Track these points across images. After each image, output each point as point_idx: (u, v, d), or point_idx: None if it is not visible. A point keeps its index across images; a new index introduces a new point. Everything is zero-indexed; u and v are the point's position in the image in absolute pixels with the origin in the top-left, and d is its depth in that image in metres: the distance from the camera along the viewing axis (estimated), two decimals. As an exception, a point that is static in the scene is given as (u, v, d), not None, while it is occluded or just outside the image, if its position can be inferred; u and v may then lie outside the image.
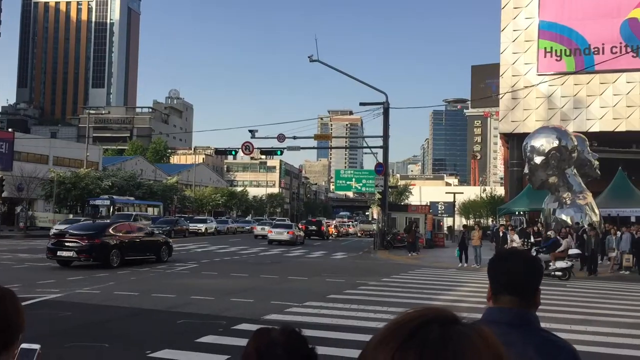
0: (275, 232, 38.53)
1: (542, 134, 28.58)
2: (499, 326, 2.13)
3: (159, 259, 21.84)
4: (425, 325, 0.85)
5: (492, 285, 2.22)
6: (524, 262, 2.21)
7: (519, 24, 45.66)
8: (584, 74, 42.73)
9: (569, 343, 2.13)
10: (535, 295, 2.18)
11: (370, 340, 0.89)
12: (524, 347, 2.07)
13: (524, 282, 2.16)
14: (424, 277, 19.54)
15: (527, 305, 2.16)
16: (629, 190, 34.83)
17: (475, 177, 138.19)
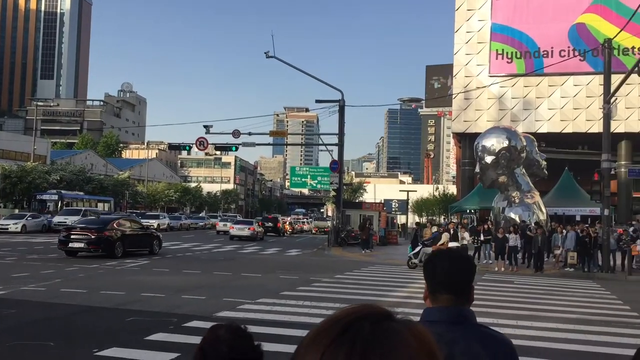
0: (236, 228, 40.28)
1: (492, 134, 29.21)
2: (441, 325, 2.16)
3: (152, 251, 24.04)
4: (357, 322, 0.85)
5: (429, 285, 2.25)
6: (459, 261, 2.26)
7: (472, 26, 46.56)
8: (533, 77, 43.91)
9: (506, 336, 2.18)
10: (470, 292, 2.23)
11: (304, 337, 0.88)
12: (468, 343, 2.11)
13: (460, 280, 2.21)
14: (377, 274, 19.72)
15: (463, 302, 2.20)
16: (575, 190, 36.02)
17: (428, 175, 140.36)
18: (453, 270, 2.21)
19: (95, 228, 21.85)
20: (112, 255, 21.42)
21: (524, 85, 45.11)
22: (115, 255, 21.50)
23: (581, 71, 43.25)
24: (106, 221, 23.33)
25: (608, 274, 21.23)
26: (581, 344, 9.20)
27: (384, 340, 0.83)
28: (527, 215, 28.00)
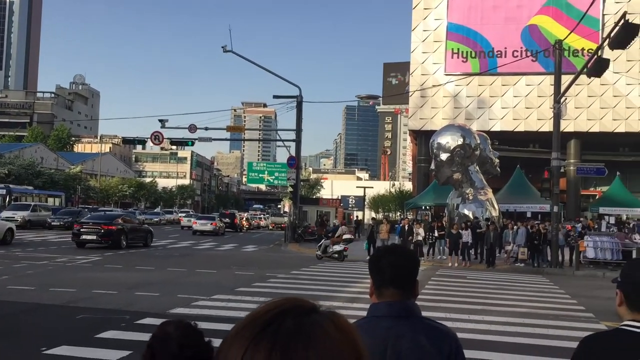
0: (199, 223, 42.18)
1: (447, 132, 29.67)
2: (387, 319, 2.19)
3: (146, 244, 27.04)
4: (280, 316, 0.85)
5: (375, 280, 2.27)
6: (405, 256, 2.30)
7: (428, 25, 47.15)
8: (487, 76, 44.80)
9: (451, 329, 2.23)
10: (415, 286, 2.27)
11: (228, 332, 0.87)
12: (416, 336, 2.15)
13: (406, 275, 2.24)
14: (332, 269, 19.81)
15: (409, 297, 2.24)
16: (526, 187, 36.94)
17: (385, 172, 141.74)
18: (398, 265, 2.23)
19: (104, 222, 25.26)
20: (119, 246, 24.66)
21: (479, 84, 45.96)
22: (121, 246, 24.78)
23: (533, 71, 44.35)
24: (113, 216, 27.30)
25: (556, 269, 21.86)
26: (530, 337, 9.45)
27: (306, 333, 0.83)
28: (480, 212, 28.56)
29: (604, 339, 2.10)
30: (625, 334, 2.05)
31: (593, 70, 18.36)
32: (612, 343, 2.05)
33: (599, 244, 22.04)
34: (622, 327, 2.09)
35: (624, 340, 2.03)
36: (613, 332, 2.12)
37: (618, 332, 2.09)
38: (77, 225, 25.71)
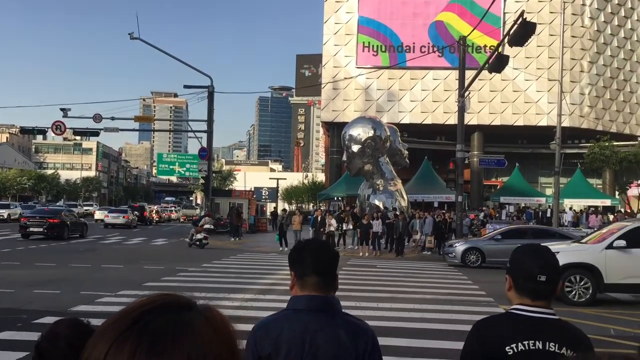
0: (111, 216, 41.83)
1: (359, 124, 30.16)
2: (308, 313, 2.18)
3: (82, 235, 29.68)
4: (149, 314, 0.81)
5: (296, 273, 2.26)
6: (326, 250, 2.32)
7: (340, 18, 47.67)
8: (397, 69, 45.92)
9: (368, 325, 2.25)
10: (335, 280, 2.28)
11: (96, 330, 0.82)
12: (335, 330, 2.16)
13: (328, 268, 2.25)
14: (245, 261, 19.67)
15: (329, 290, 2.25)
16: (433, 178, 38.30)
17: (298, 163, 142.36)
18: (321, 259, 2.24)
19: (50, 216, 27.75)
20: (62, 237, 26.87)
21: (389, 77, 47.04)
22: (64, 237, 27.03)
23: (440, 66, 45.94)
24: (58, 211, 30.59)
25: (461, 256, 22.77)
26: (434, 322, 9.79)
27: (175, 331, 0.79)
28: (390, 202, 29.28)
29: (494, 322, 2.18)
30: (513, 317, 2.14)
31: (494, 66, 19.22)
32: (502, 326, 2.14)
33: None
34: (511, 310, 2.18)
35: (512, 323, 2.12)
36: (503, 316, 2.21)
37: (507, 316, 2.18)
38: (25, 219, 28.33)
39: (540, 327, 2.08)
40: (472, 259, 19.48)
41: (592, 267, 12.17)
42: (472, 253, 19.59)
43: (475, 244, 20.06)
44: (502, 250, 18.86)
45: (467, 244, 20.00)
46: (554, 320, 2.12)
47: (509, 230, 20.88)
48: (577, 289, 12.10)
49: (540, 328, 2.08)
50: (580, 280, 12.13)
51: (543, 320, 2.10)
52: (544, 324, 2.09)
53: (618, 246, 12.14)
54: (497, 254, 18.91)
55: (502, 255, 18.75)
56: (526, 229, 21.40)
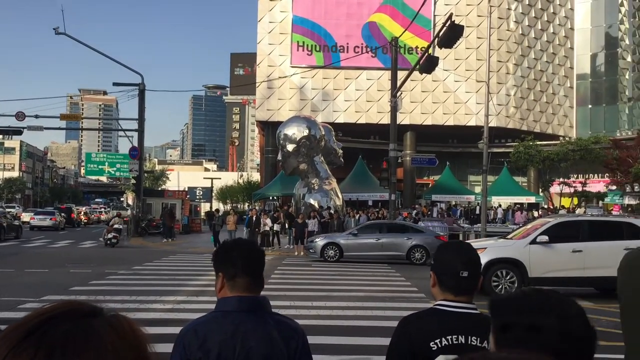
0: (37, 218, 40.75)
1: (294, 123, 30.19)
2: (239, 314, 2.14)
3: (17, 236, 30.22)
4: (48, 322, 0.77)
5: (225, 274, 2.22)
6: (255, 250, 2.30)
7: (274, 17, 47.53)
8: (331, 69, 46.23)
9: (298, 324, 2.25)
10: (263, 280, 2.26)
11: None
12: (266, 330, 2.15)
13: (257, 268, 2.24)
14: (177, 263, 19.29)
15: (259, 289, 2.23)
16: (368, 177, 38.81)
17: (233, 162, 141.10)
18: (250, 259, 2.22)
19: None
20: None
21: (323, 77, 47.29)
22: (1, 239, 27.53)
23: (373, 66, 46.58)
24: None
25: (394, 253, 23.17)
26: (368, 319, 9.91)
27: (75, 341, 0.76)
28: (325, 201, 29.47)
29: (418, 318, 2.22)
30: (437, 313, 2.19)
31: (424, 67, 19.66)
32: (426, 321, 2.18)
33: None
34: (435, 306, 2.22)
35: (436, 319, 2.16)
36: (427, 312, 2.25)
37: (431, 311, 2.22)
38: None
39: (463, 322, 2.13)
40: (331, 253, 19.99)
41: (517, 261, 12.64)
42: (330, 248, 20.11)
43: (333, 239, 20.66)
44: (359, 245, 19.76)
45: (326, 239, 20.57)
46: (475, 315, 2.17)
47: (365, 226, 21.70)
48: (504, 283, 12.55)
49: (462, 323, 2.13)
50: (506, 275, 12.58)
51: (465, 315, 2.15)
52: (467, 319, 2.14)
53: (541, 241, 12.66)
54: (354, 248, 19.81)
55: (358, 249, 19.67)
56: (382, 224, 22.05)
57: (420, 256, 19.56)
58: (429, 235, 20.29)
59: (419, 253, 19.62)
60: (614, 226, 13.25)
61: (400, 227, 21.05)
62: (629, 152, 33.74)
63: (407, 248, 19.69)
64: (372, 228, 21.01)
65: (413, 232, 20.33)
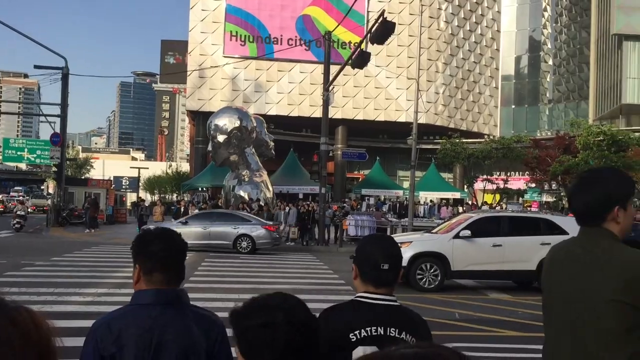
0: None
1: (225, 114, 29.77)
2: (155, 307, 2.08)
3: None
4: None
5: (142, 266, 2.15)
6: (174, 241, 2.22)
7: (207, 5, 46.69)
8: (264, 61, 45.92)
9: (218, 316, 2.21)
10: (183, 272, 2.21)
11: None
12: (184, 323, 2.12)
13: (175, 260, 2.17)
14: (100, 254, 18.66)
15: (177, 283, 2.18)
16: (299, 170, 38.86)
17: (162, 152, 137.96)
18: (169, 253, 2.15)
19: None
20: None
21: (256, 68, 46.92)
22: None
23: (306, 59, 46.63)
24: None
25: (323, 246, 23.38)
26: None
27: None
28: (255, 193, 29.27)
29: (338, 310, 2.21)
30: (357, 305, 2.19)
31: (357, 62, 19.84)
32: (346, 313, 2.17)
33: (360, 222, 24.08)
34: (355, 298, 2.22)
35: (356, 310, 2.17)
36: (347, 304, 2.25)
37: (351, 303, 2.22)
38: None
39: (382, 314, 2.15)
40: None
41: (441, 255, 13.00)
42: None
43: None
44: (186, 233, 19.57)
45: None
46: (395, 307, 2.19)
47: (196, 215, 22.09)
48: (428, 276, 12.87)
49: (382, 314, 2.14)
50: (430, 268, 12.91)
51: (385, 307, 2.16)
52: (386, 311, 2.16)
53: (464, 236, 13.07)
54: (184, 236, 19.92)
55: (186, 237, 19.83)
56: (213, 213, 22.56)
57: (247, 245, 19.76)
58: (255, 224, 20.47)
59: (245, 242, 19.83)
60: (532, 222, 13.86)
61: (229, 216, 21.17)
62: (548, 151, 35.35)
63: (234, 237, 19.82)
64: (203, 217, 21.19)
65: (240, 222, 20.40)
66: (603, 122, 42.83)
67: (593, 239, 2.23)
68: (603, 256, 2.16)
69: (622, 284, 2.08)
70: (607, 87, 50.93)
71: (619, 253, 2.15)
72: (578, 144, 33.44)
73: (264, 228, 20.14)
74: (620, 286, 2.08)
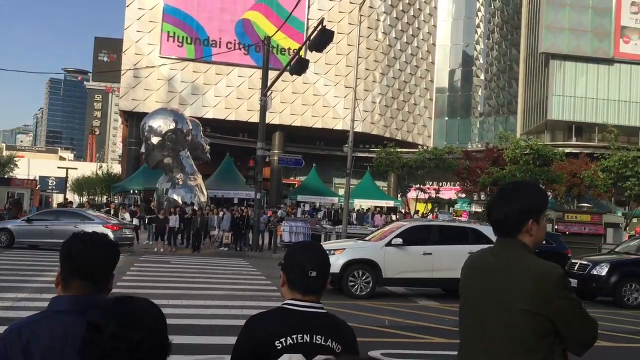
0: None
1: (160, 115, 29.22)
2: (70, 316, 1.98)
3: None
4: None
5: (63, 270, 2.05)
6: (101, 247, 2.10)
7: (144, 3, 45.74)
8: (202, 63, 45.37)
9: None
10: (110, 280, 2.10)
11: None
12: None
13: (100, 266, 2.07)
14: (22, 257, 17.83)
15: (101, 290, 2.08)
16: (234, 175, 38.56)
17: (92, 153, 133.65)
18: (93, 255, 2.04)
19: None
20: None
21: (194, 70, 46.29)
22: None
23: (245, 64, 46.41)
24: None
25: (257, 252, 23.22)
26: (225, 318, 9.80)
27: None
28: (189, 197, 28.82)
29: (265, 317, 2.20)
30: (284, 312, 2.19)
31: (295, 68, 19.90)
32: (272, 320, 2.17)
33: (294, 228, 24.08)
34: (283, 305, 2.22)
35: (282, 318, 2.16)
36: (274, 311, 2.24)
37: (278, 310, 2.22)
38: None
39: (309, 321, 2.15)
40: (3, 239, 20.14)
41: (373, 262, 13.17)
42: (2, 233, 20.28)
43: (4, 224, 21.19)
44: (30, 231, 20.29)
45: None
46: (322, 314, 2.19)
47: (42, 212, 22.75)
48: (360, 283, 13.01)
49: (308, 322, 2.15)
50: (362, 275, 13.05)
51: (312, 314, 2.17)
52: (313, 318, 2.16)
53: (396, 244, 13.30)
54: (25, 234, 20.29)
55: (30, 236, 20.43)
56: (57, 211, 23.35)
57: None
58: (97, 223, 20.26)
59: None
60: (460, 231, 14.26)
61: (72, 215, 21.42)
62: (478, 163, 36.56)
63: None
64: (47, 215, 21.67)
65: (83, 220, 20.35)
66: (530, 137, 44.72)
67: (507, 249, 2.32)
68: (515, 266, 2.25)
69: (532, 293, 2.18)
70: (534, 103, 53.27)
71: (530, 264, 2.25)
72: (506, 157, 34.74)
73: (106, 227, 19.77)
74: (529, 296, 2.18)
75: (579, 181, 33.53)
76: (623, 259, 14.63)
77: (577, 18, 49.74)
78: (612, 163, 31.30)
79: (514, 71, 57.21)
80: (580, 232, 21.09)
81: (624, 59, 50.50)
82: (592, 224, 21.65)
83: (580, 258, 15.00)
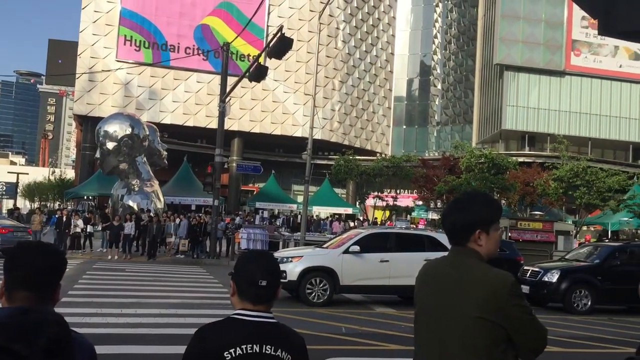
0: None
1: (116, 120, 28.67)
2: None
3: None
4: None
5: (6, 280, 1.97)
6: (43, 256, 2.01)
7: (101, 6, 44.96)
8: (160, 68, 44.80)
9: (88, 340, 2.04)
10: (56, 291, 2.02)
11: None
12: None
13: (45, 277, 1.98)
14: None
15: (46, 302, 1.98)
16: (192, 181, 38.08)
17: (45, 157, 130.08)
18: (37, 265, 1.95)
19: None
20: None
21: (151, 75, 45.66)
22: None
23: (204, 69, 46.03)
24: None
25: (214, 259, 23.01)
26: (180, 327, 9.66)
27: None
28: (145, 204, 28.32)
29: (215, 327, 2.18)
30: (234, 322, 2.17)
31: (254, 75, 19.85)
32: (222, 330, 2.15)
33: (252, 235, 23.92)
34: (233, 315, 2.20)
35: (232, 328, 2.15)
36: (224, 321, 2.22)
37: (228, 320, 2.20)
38: None
39: (259, 331, 2.14)
40: None
41: (331, 270, 13.19)
42: None
43: None
44: None
45: None
46: (272, 324, 2.19)
47: None
48: (317, 291, 13.00)
49: (258, 332, 2.14)
50: (320, 282, 13.05)
51: (262, 324, 2.16)
52: (263, 328, 2.15)
53: (353, 251, 13.36)
54: None
55: None
56: None
57: None
58: None
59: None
60: (417, 239, 14.42)
61: None
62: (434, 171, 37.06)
63: None
64: None
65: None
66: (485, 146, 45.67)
67: (460, 257, 2.37)
68: (468, 275, 2.30)
69: (483, 301, 2.22)
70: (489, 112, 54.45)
71: (482, 272, 2.29)
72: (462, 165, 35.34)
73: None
74: (482, 303, 2.22)
75: (532, 190, 34.34)
76: (573, 266, 15.05)
77: (530, 31, 51.15)
78: (563, 173, 32.18)
79: (470, 81, 58.41)
80: (533, 240, 21.58)
81: (575, 72, 52.16)
82: (544, 231, 22.19)
83: (532, 265, 15.37)
